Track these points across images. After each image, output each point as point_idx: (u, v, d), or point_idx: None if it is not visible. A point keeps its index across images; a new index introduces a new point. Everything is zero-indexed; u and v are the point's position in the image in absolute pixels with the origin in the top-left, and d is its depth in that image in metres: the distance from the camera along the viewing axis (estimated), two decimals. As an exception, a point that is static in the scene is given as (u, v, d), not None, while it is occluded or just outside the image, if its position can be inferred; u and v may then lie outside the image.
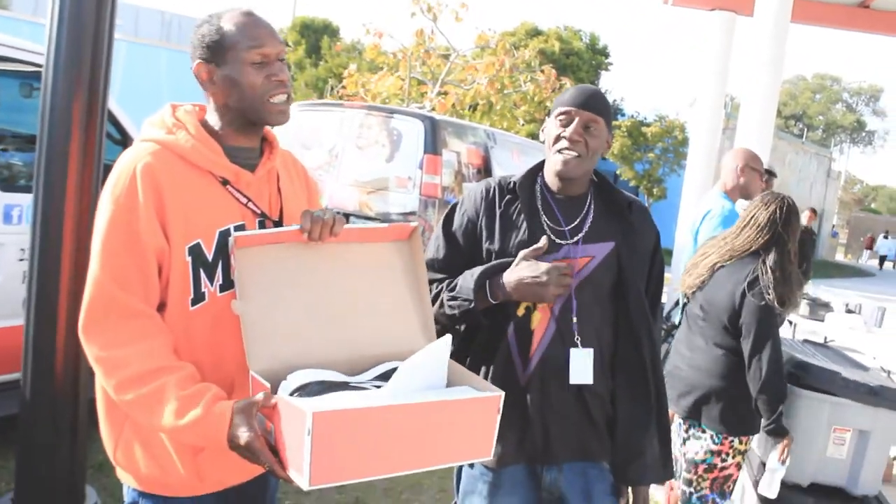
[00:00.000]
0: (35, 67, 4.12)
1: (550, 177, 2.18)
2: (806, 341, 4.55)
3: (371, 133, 7.31)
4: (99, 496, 2.60)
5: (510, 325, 2.11)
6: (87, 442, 2.05)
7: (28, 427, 2.43)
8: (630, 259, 2.15)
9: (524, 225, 2.13)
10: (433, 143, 7.01)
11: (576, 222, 2.15)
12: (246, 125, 1.84)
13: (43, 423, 2.41)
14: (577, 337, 2.09)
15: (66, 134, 2.29)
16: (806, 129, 56.98)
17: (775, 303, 3.18)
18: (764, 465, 3.58)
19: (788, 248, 3.32)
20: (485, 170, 7.80)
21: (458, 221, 2.21)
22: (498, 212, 2.16)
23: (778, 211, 3.35)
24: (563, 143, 2.10)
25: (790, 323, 7.57)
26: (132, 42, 18.83)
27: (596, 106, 2.10)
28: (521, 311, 2.10)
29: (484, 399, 1.64)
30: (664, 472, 2.22)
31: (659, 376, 2.21)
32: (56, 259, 2.29)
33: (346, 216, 7.09)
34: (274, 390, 1.61)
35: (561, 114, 2.12)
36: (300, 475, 1.46)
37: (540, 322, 2.10)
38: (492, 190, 2.20)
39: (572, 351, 2.08)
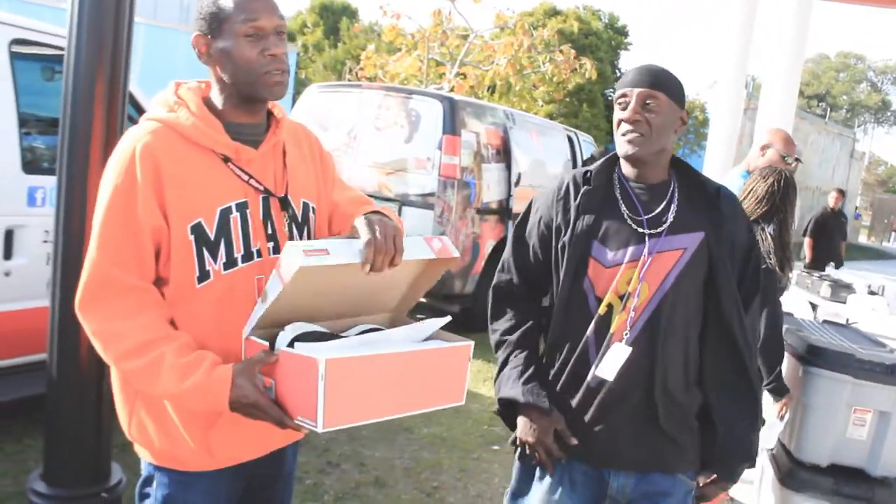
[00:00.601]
0: (57, 51, 4.15)
1: (624, 164, 2.09)
2: (826, 322, 4.53)
3: (389, 114, 7.31)
4: (124, 473, 2.64)
5: (591, 322, 2.02)
6: (112, 421, 2.08)
7: (54, 407, 2.47)
8: (721, 251, 2.01)
9: (602, 214, 2.04)
10: (452, 124, 7.01)
11: (658, 209, 2.03)
12: (244, 100, 1.81)
13: (69, 403, 2.44)
14: (626, 332, 1.98)
15: (88, 116, 2.30)
16: (829, 110, 56.31)
17: (776, 267, 3.28)
18: (782, 444, 3.59)
19: (786, 218, 3.43)
20: (504, 150, 7.79)
21: (532, 222, 2.18)
22: (573, 205, 2.07)
23: (776, 183, 3.44)
24: (624, 126, 2.01)
25: (812, 306, 7.53)
26: (151, 25, 18.88)
27: (652, 81, 1.99)
28: (602, 310, 2.00)
29: (459, 347, 1.76)
30: (753, 458, 2.13)
31: (754, 373, 2.08)
32: (80, 241, 2.31)
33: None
34: (270, 346, 1.65)
35: (619, 97, 2.04)
36: (312, 421, 1.54)
37: (620, 323, 1.99)
38: (564, 186, 2.11)
39: (614, 345, 1.98)
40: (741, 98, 12.31)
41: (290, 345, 1.62)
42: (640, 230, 2.01)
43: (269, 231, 1.83)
